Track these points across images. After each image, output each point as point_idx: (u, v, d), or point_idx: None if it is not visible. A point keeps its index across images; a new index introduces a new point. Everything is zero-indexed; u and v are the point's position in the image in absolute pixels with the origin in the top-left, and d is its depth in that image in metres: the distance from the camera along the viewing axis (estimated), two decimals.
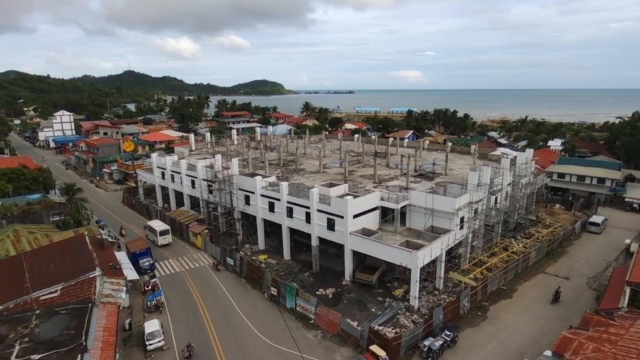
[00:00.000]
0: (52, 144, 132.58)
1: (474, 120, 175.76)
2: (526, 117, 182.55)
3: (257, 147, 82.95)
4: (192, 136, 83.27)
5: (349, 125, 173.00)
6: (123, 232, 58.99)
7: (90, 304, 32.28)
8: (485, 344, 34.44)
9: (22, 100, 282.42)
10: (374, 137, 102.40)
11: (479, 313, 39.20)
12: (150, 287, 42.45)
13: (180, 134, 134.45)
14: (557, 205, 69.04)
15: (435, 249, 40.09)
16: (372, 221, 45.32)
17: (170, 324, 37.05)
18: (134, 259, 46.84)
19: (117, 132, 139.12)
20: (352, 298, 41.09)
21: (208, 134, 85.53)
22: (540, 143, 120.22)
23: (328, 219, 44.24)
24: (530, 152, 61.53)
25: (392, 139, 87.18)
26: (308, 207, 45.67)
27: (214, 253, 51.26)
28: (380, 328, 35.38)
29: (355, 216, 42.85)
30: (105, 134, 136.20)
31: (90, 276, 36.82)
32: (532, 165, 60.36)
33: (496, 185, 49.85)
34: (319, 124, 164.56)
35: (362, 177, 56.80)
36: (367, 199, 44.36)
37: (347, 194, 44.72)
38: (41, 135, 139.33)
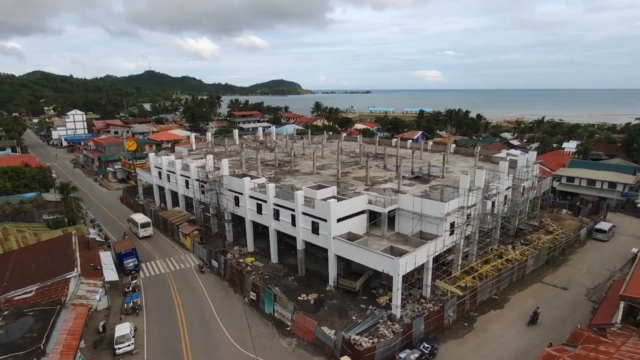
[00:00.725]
0: (64, 143, 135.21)
1: (487, 120, 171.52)
2: (543, 117, 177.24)
3: (258, 147, 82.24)
4: (192, 136, 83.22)
5: (359, 126, 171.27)
6: (126, 237, 54.27)
7: (59, 306, 31.91)
8: (467, 358, 32.65)
9: (43, 100, 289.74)
10: (378, 137, 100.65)
11: (465, 324, 37.32)
12: (130, 289, 42.08)
13: (187, 133, 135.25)
14: (564, 211, 66.00)
15: (421, 256, 38.38)
16: (359, 225, 43.90)
17: (145, 328, 36.47)
18: (119, 259, 46.61)
19: (127, 131, 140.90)
20: (333, 305, 39.76)
21: (209, 134, 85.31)
22: (554, 145, 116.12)
23: (312, 222, 43.02)
24: (533, 154, 58.90)
25: (395, 140, 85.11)
26: (294, 210, 44.59)
27: (202, 255, 50.67)
28: (357, 337, 34.01)
29: (339, 220, 41.51)
30: (115, 133, 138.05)
31: (67, 277, 36.59)
32: (534, 168, 57.73)
33: (492, 189, 47.67)
34: (329, 124, 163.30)
35: (356, 179, 55.37)
36: (353, 202, 42.95)
37: (333, 197, 43.44)
38: (54, 134, 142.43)
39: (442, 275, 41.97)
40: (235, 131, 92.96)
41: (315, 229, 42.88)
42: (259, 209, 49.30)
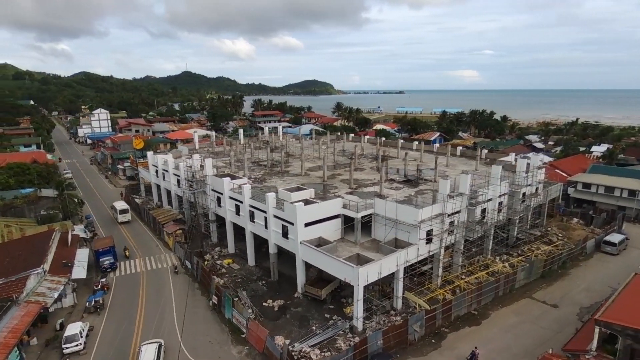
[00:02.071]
0: (89, 140, 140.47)
1: (514, 122, 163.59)
2: (577, 119, 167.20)
3: (261, 147, 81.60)
4: (195, 135, 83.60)
5: (379, 126, 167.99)
6: (127, 252, 51.02)
7: (9, 303, 32.06)
8: None
9: (81, 99, 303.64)
10: (398, 137, 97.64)
11: (433, 340, 34.62)
12: (99, 287, 42.13)
13: (205, 132, 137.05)
14: (575, 220, 60.97)
15: (389, 265, 35.99)
16: (333, 230, 41.95)
17: (102, 328, 36.20)
18: (97, 257, 46.94)
19: (148, 130, 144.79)
20: (297, 313, 38.08)
21: (213, 134, 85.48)
22: (583, 148, 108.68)
23: (282, 225, 41.51)
24: (536, 158, 54.67)
25: (400, 141, 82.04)
26: (266, 212, 43.27)
27: (181, 255, 50.29)
28: (308, 350, 32.22)
29: (308, 224, 39.77)
30: (137, 131, 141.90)
31: (27, 274, 36.87)
32: (537, 173, 53.51)
33: (480, 195, 44.31)
34: (347, 125, 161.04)
35: (343, 182, 53.34)
36: (324, 205, 41.04)
37: (301, 200, 41.69)
38: (80, 132, 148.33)
39: (416, 287, 39.47)
40: (240, 130, 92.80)
41: (285, 233, 41.36)
42: (237, 210, 48.34)
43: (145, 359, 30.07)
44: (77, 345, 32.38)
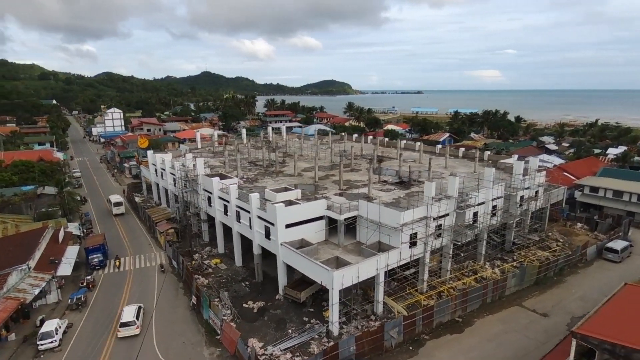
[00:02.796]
0: (102, 139, 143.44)
1: (530, 123, 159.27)
2: (596, 120, 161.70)
3: (262, 147, 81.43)
4: (198, 134, 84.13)
5: (391, 127, 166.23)
6: (117, 262, 48.23)
7: None
8: None
9: (100, 99, 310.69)
10: (407, 137, 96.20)
11: (411, 348, 33.59)
12: (85, 284, 42.59)
13: (213, 131, 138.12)
14: (579, 225, 58.59)
15: (367, 269, 35.11)
16: (316, 232, 41.29)
17: (80, 325, 36.50)
18: (87, 254, 47.52)
19: (159, 129, 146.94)
20: (275, 315, 37.58)
21: (215, 133, 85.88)
22: (598, 150, 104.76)
23: (265, 226, 41.09)
24: (535, 160, 52.71)
25: (403, 142, 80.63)
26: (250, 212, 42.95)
27: (170, 254, 50.46)
28: (278, 353, 31.69)
29: (289, 225, 39.26)
30: (148, 130, 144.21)
31: (13, 270, 37.49)
32: (535, 175, 51.57)
33: (471, 198, 42.88)
34: (358, 125, 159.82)
35: (336, 182, 52.60)
36: (307, 207, 40.44)
37: (284, 201, 41.14)
38: (94, 131, 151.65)
39: (400, 292, 38.50)
40: (243, 130, 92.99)
41: (267, 234, 40.95)
42: (226, 210, 48.19)
43: (126, 316, 35.41)
44: (51, 342, 32.67)
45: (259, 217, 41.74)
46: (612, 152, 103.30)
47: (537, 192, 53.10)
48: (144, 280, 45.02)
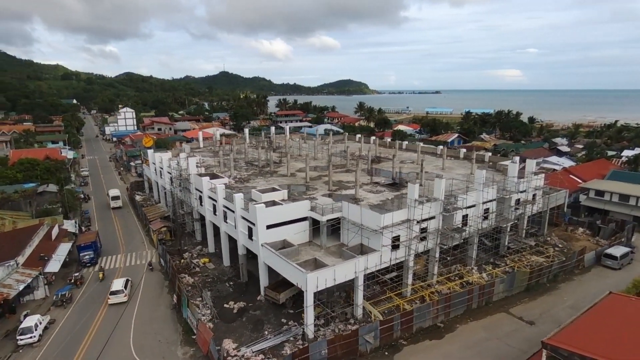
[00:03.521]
0: (114, 138, 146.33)
1: (547, 123, 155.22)
2: (615, 121, 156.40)
3: (262, 147, 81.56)
4: (200, 134, 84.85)
5: (402, 127, 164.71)
6: (101, 275, 45.17)
7: None
8: None
9: (119, 99, 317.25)
10: (416, 137, 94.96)
11: (386, 353, 32.94)
12: (73, 281, 43.32)
13: (222, 131, 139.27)
14: (581, 230, 56.63)
15: (345, 272, 34.63)
16: (300, 233, 40.97)
17: (62, 321, 37.10)
18: (78, 251, 48.35)
19: (170, 128, 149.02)
20: (254, 316, 37.43)
21: (217, 133, 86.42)
22: (613, 152, 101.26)
23: (248, 226, 41.02)
24: (532, 162, 51.15)
25: (398, 142, 79.57)
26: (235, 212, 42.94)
27: (160, 252, 50.94)
28: (250, 355, 31.51)
29: (270, 226, 39.06)
30: (159, 129, 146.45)
31: (2, 265, 38.37)
32: (533, 178, 50.02)
33: (459, 200, 41.80)
34: (367, 125, 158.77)
35: (326, 183, 52.16)
36: (289, 207, 40.18)
37: (274, 202, 41.01)
38: (107, 130, 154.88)
39: (381, 295, 37.86)
40: (246, 130, 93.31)
41: (250, 234, 40.86)
42: (215, 210, 48.35)
43: (115, 286, 40.77)
44: (30, 338, 33.29)
45: (243, 218, 41.69)
46: (628, 154, 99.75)
47: (534, 195, 51.60)
48: (132, 277, 45.39)
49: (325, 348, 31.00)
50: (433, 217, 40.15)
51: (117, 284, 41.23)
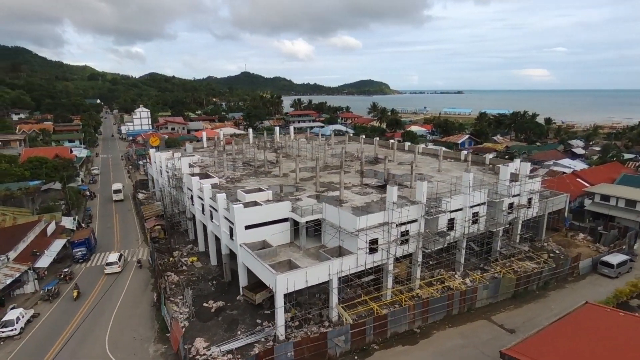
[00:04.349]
0: (129, 137, 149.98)
1: (567, 124, 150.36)
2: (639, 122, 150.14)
3: (266, 147, 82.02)
4: (204, 134, 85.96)
5: (415, 127, 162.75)
6: (75, 293, 41.06)
7: None
8: None
9: (140, 98, 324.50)
10: (427, 138, 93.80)
11: (356, 357, 32.53)
12: (63, 276, 44.59)
13: (233, 130, 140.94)
14: (581, 235, 54.55)
15: (318, 274, 34.42)
16: (273, 234, 40.78)
17: (47, 315, 38.21)
18: (72, 248, 49.73)
19: (183, 128, 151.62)
20: (230, 315, 37.62)
21: (221, 133, 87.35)
22: (632, 155, 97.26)
23: (230, 226, 41.30)
24: (526, 165, 49.57)
25: (396, 142, 78.47)
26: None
27: (151, 250, 51.83)
28: (217, 355, 31.68)
29: (249, 226, 39.21)
30: (172, 129, 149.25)
31: None
32: (528, 181, 48.47)
33: (444, 203, 40.90)
34: (379, 125, 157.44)
35: (321, 184, 51.98)
36: (267, 208, 40.22)
37: (256, 202, 41.15)
38: (123, 129, 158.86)
39: (356, 299, 37.43)
40: (250, 130, 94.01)
41: (232, 234, 41.11)
42: (203, 209, 48.87)
43: (110, 258, 47.06)
44: (12, 330, 34.41)
45: (225, 218, 42.00)
46: None
47: (530, 199, 50.03)
48: (121, 275, 46.43)
49: (291, 350, 30.85)
50: (415, 221, 39.47)
51: (112, 257, 47.60)
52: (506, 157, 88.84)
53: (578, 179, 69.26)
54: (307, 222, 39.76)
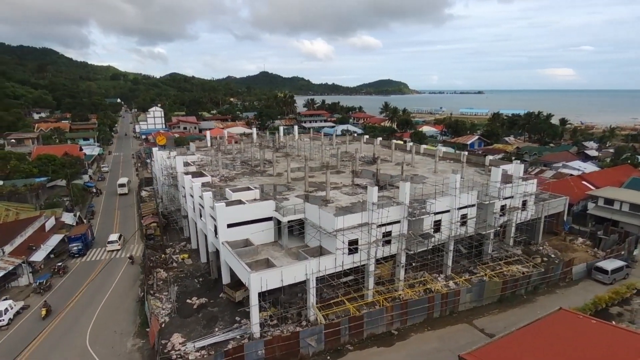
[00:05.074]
0: (143, 136, 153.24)
1: (583, 126, 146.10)
2: None
3: (268, 146, 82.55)
4: (208, 133, 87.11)
5: (426, 128, 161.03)
6: (43, 312, 37.75)
7: None
8: None
9: (158, 98, 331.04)
10: (437, 138, 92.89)
11: (328, 357, 32.49)
12: (56, 270, 46.00)
13: (243, 130, 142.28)
14: (580, 240, 52.98)
15: (294, 273, 34.53)
16: (265, 233, 41.18)
17: (35, 307, 39.47)
18: (69, 242, 51.22)
19: (195, 127, 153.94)
20: (211, 312, 38.13)
21: (225, 132, 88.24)
22: None
23: (214, 224, 41.80)
24: (519, 167, 48.44)
25: (395, 142, 77.67)
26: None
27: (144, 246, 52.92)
28: (189, 350, 32.16)
29: (231, 225, 39.60)
30: (185, 128, 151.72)
31: None
32: (521, 183, 47.37)
33: (428, 205, 40.35)
34: (389, 125, 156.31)
35: (312, 184, 52.04)
36: (250, 207, 40.50)
37: (240, 201, 41.54)
38: (137, 128, 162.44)
39: (335, 299, 37.35)
40: (254, 129, 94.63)
41: (216, 232, 41.60)
42: (194, 207, 49.60)
43: (111, 237, 53.61)
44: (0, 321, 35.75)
45: (210, 216, 42.51)
46: None
47: (524, 201, 48.91)
48: (112, 270, 47.59)
49: (262, 348, 31.04)
50: (397, 222, 39.13)
51: (113, 236, 54.42)
52: (513, 158, 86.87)
53: (583, 182, 67.23)
54: (289, 221, 39.94)
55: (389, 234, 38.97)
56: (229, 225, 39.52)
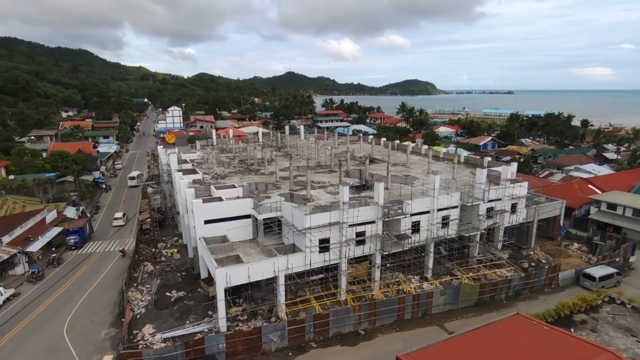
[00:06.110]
0: (161, 134, 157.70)
1: (605, 127, 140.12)
2: None
3: (269, 145, 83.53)
4: (214, 132, 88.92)
5: (443, 128, 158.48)
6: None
7: None
8: None
9: (183, 97, 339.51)
10: (452, 139, 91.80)
11: (290, 354, 32.86)
12: (51, 261, 48.32)
13: (257, 129, 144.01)
14: (576, 245, 51.11)
15: (262, 270, 35.06)
16: (243, 230, 41.90)
17: (27, 295, 41.68)
18: (67, 235, 53.63)
19: (211, 126, 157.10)
20: (186, 305, 39.19)
21: (231, 132, 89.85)
22: None
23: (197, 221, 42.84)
24: (512, 168, 47.20)
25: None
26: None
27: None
28: (155, 340, 33.24)
29: (208, 221, 40.52)
30: (201, 127, 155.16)
31: None
32: (509, 185, 46.16)
33: (404, 205, 40.01)
34: (404, 126, 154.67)
35: (300, 183, 52.55)
36: (227, 204, 41.31)
37: (220, 198, 42.52)
38: (156, 127, 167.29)
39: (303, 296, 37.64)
40: (260, 130, 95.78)
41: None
42: (183, 203, 50.93)
43: (117, 215, 61.50)
44: None
45: (192, 212, 43.57)
46: None
47: (514, 204, 47.65)
48: (103, 263, 49.53)
49: (222, 342, 31.75)
50: (372, 222, 39.04)
51: (118, 214, 62.91)
52: (521, 159, 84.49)
53: (589, 185, 64.78)
54: (267, 219, 40.51)
55: (362, 234, 38.94)
56: (206, 222, 40.43)
